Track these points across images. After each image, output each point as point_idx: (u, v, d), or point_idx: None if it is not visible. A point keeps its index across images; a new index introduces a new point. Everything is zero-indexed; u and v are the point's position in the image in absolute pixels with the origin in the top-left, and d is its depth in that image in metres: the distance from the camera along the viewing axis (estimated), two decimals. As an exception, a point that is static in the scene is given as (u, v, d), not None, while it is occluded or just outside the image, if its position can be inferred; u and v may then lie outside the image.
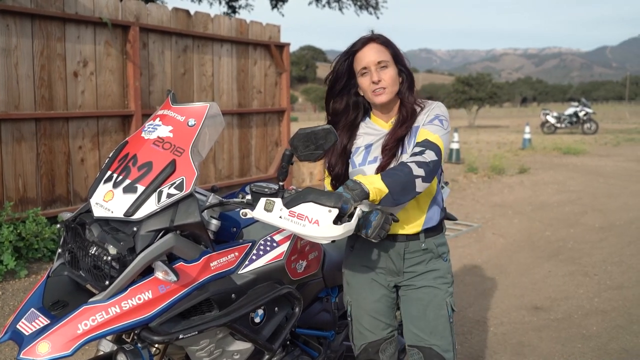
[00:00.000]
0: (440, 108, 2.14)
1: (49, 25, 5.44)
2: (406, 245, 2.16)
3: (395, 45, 2.14)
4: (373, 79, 2.08)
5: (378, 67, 2.08)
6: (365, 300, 2.24)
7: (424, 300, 2.15)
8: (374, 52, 2.09)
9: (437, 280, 2.17)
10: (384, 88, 2.09)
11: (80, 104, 5.77)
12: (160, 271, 1.68)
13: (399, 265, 2.18)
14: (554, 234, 6.70)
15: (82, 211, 1.85)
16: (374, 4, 14.75)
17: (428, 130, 2.05)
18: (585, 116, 23.12)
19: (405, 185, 1.88)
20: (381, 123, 2.21)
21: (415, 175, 1.90)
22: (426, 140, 2.01)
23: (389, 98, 2.11)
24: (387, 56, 2.10)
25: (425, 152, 1.96)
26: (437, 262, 2.19)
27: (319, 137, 1.86)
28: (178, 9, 6.76)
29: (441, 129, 2.05)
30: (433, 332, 2.13)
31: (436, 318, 2.14)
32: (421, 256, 2.17)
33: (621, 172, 11.51)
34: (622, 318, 4.14)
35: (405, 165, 1.91)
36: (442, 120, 2.08)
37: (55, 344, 1.60)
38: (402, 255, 2.17)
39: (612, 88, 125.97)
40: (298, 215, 1.76)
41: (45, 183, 5.51)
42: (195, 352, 1.91)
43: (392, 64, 2.11)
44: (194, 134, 1.84)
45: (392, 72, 2.10)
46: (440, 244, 2.21)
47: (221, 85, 7.43)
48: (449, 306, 2.17)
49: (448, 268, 2.23)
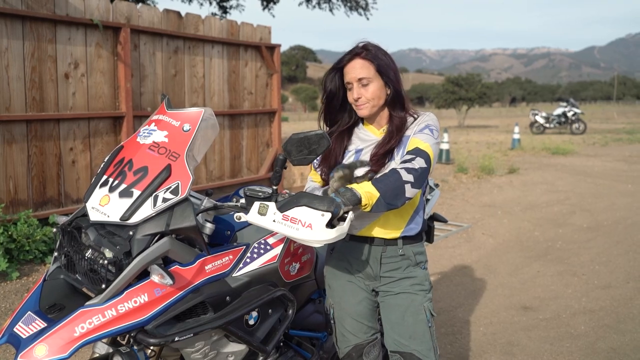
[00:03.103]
0: (432, 119, 2.16)
1: (39, 26, 5.43)
2: (383, 249, 2.19)
3: (383, 58, 2.14)
4: (354, 96, 2.14)
5: (359, 83, 2.12)
6: (347, 303, 2.27)
7: (402, 305, 2.18)
8: (357, 68, 2.12)
9: (414, 287, 2.20)
10: (365, 103, 2.14)
11: (71, 105, 5.76)
12: (156, 274, 1.71)
13: (375, 269, 2.21)
14: (543, 234, 6.77)
15: (78, 215, 1.87)
16: (364, 5, 14.79)
17: (419, 139, 2.08)
18: (573, 116, 23.27)
19: (396, 190, 1.91)
20: (373, 130, 2.24)
21: (405, 181, 1.93)
22: (417, 149, 2.04)
23: (371, 112, 2.17)
24: (369, 72, 2.12)
25: (414, 160, 2.00)
26: (415, 269, 2.22)
27: (312, 141, 1.89)
28: (169, 11, 6.77)
29: (431, 137, 2.08)
30: (412, 337, 2.15)
31: (415, 323, 2.16)
32: (398, 262, 2.20)
33: (609, 172, 11.62)
34: (609, 317, 4.20)
35: (395, 171, 1.95)
36: (433, 129, 2.11)
37: (53, 346, 1.62)
38: (379, 259, 2.20)
39: (600, 88, 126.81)
40: (291, 219, 1.79)
41: (36, 185, 5.50)
42: (190, 354, 1.94)
43: (377, 78, 2.13)
44: (189, 139, 1.87)
45: (374, 88, 2.13)
46: (419, 252, 2.24)
47: (212, 87, 7.44)
48: (427, 311, 2.19)
49: (425, 276, 2.26)
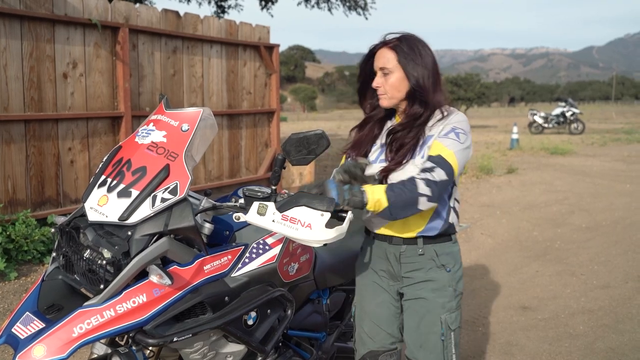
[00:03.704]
0: (460, 120, 2.06)
1: (38, 26, 5.42)
2: (403, 248, 2.12)
3: (410, 51, 2.06)
4: (373, 84, 2.11)
5: (381, 73, 2.09)
6: (368, 303, 2.23)
7: (419, 313, 2.11)
8: (380, 57, 2.09)
9: (434, 293, 2.10)
10: (383, 94, 2.10)
11: (69, 105, 5.76)
12: (155, 275, 1.71)
13: (396, 269, 2.15)
14: (542, 234, 6.78)
15: (76, 215, 1.86)
16: (363, 5, 14.77)
17: (442, 144, 1.99)
18: (572, 116, 23.29)
19: (408, 202, 1.88)
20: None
21: (420, 193, 1.89)
22: (439, 157, 1.96)
23: (391, 103, 2.11)
24: (391, 62, 2.06)
25: (435, 170, 1.93)
26: (439, 272, 2.11)
27: (311, 141, 1.89)
28: (168, 10, 6.76)
29: (457, 143, 1.99)
30: (422, 347, 2.10)
31: (428, 333, 2.09)
32: (420, 262, 2.12)
33: (607, 172, 11.63)
34: (608, 317, 4.20)
35: (413, 182, 1.90)
36: (459, 133, 2.01)
37: (51, 347, 1.61)
38: (398, 258, 2.14)
39: (598, 88, 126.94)
40: (291, 219, 1.79)
41: (34, 185, 5.49)
42: (189, 355, 1.93)
43: (398, 69, 2.06)
44: (188, 139, 1.86)
45: (394, 79, 2.06)
46: (444, 253, 2.13)
47: (211, 87, 7.44)
48: (444, 323, 2.09)
49: (450, 281, 2.12)
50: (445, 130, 2.02)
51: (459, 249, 2.21)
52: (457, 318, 2.13)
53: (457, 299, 2.14)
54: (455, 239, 2.19)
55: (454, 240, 2.18)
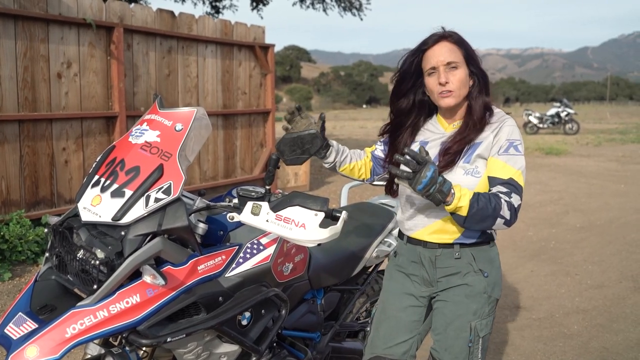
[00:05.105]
0: (514, 131, 1.97)
1: (32, 26, 5.40)
2: (438, 252, 2.04)
3: (469, 45, 1.99)
4: (440, 80, 1.95)
5: (447, 67, 1.95)
6: (391, 306, 2.16)
7: (449, 317, 2.04)
8: (445, 51, 1.95)
9: (468, 299, 2.02)
10: (451, 91, 1.96)
11: (64, 105, 5.74)
12: (148, 275, 1.70)
13: (432, 274, 2.07)
14: (536, 234, 6.79)
15: (70, 215, 1.86)
16: (358, 5, 14.79)
17: (507, 163, 1.90)
18: (567, 116, 23.34)
19: (486, 218, 1.82)
20: (443, 124, 2.09)
21: (501, 215, 1.83)
22: (511, 180, 1.88)
23: (456, 102, 1.98)
24: (458, 57, 1.96)
25: (512, 195, 1.86)
26: (475, 277, 2.03)
27: (305, 141, 1.89)
28: (162, 10, 6.75)
29: (520, 157, 1.92)
30: (448, 350, 2.04)
31: (455, 338, 2.02)
32: (455, 267, 2.03)
33: (602, 172, 11.67)
34: (602, 317, 4.22)
35: (499, 201, 1.83)
36: (518, 145, 1.93)
37: (44, 347, 1.61)
38: (434, 262, 2.05)
39: (593, 88, 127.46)
40: (285, 219, 1.78)
41: (28, 185, 5.47)
42: (182, 355, 1.93)
43: (463, 65, 1.97)
44: (182, 139, 1.86)
45: (462, 74, 1.96)
46: (481, 257, 2.04)
47: (206, 87, 7.43)
48: (474, 330, 2.01)
49: (485, 287, 2.03)
50: (505, 147, 1.93)
51: (497, 252, 2.11)
52: (487, 324, 2.05)
53: (491, 305, 2.06)
54: (494, 243, 2.10)
55: (492, 244, 2.09)
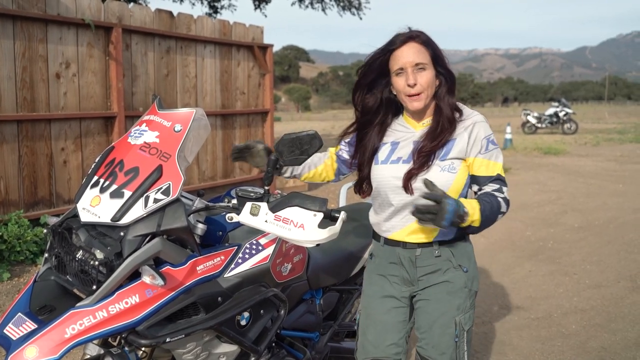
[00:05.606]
0: (485, 126, 2.04)
1: (30, 26, 5.40)
2: (418, 252, 2.07)
3: (436, 45, 1.99)
4: (409, 81, 1.95)
5: (415, 68, 1.95)
6: (374, 310, 2.16)
7: (432, 315, 2.07)
8: (413, 52, 1.95)
9: (450, 295, 2.06)
10: (419, 94, 1.97)
11: (62, 105, 5.74)
12: (147, 275, 1.71)
13: (412, 273, 2.09)
14: (535, 233, 6.80)
15: (69, 216, 1.86)
16: (357, 5, 14.80)
17: (490, 160, 2.01)
18: (565, 116, 23.36)
19: (491, 220, 1.94)
20: (412, 123, 2.10)
21: (501, 212, 1.96)
22: (499, 175, 2.01)
23: (425, 104, 2.00)
24: (425, 57, 1.96)
25: (503, 189, 2.00)
26: (455, 273, 2.07)
27: (303, 142, 1.89)
28: (161, 10, 6.75)
29: (497, 149, 2.03)
30: (435, 347, 2.06)
31: (441, 335, 2.05)
32: (436, 265, 2.07)
33: (600, 172, 11.68)
34: (600, 317, 4.23)
35: (497, 201, 1.95)
36: (493, 139, 2.03)
37: (43, 348, 1.61)
38: (414, 262, 2.08)
39: (591, 88, 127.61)
40: (284, 220, 1.79)
41: (27, 185, 5.47)
42: (181, 355, 1.93)
43: (431, 66, 1.97)
44: (180, 140, 1.86)
45: (429, 75, 1.96)
46: (459, 253, 2.09)
47: (204, 87, 7.43)
48: (458, 325, 2.05)
49: (466, 282, 2.08)
50: (483, 146, 2.00)
51: (472, 247, 2.17)
52: (470, 318, 2.10)
53: (472, 299, 2.11)
54: (469, 237, 2.16)
55: (467, 239, 2.15)
